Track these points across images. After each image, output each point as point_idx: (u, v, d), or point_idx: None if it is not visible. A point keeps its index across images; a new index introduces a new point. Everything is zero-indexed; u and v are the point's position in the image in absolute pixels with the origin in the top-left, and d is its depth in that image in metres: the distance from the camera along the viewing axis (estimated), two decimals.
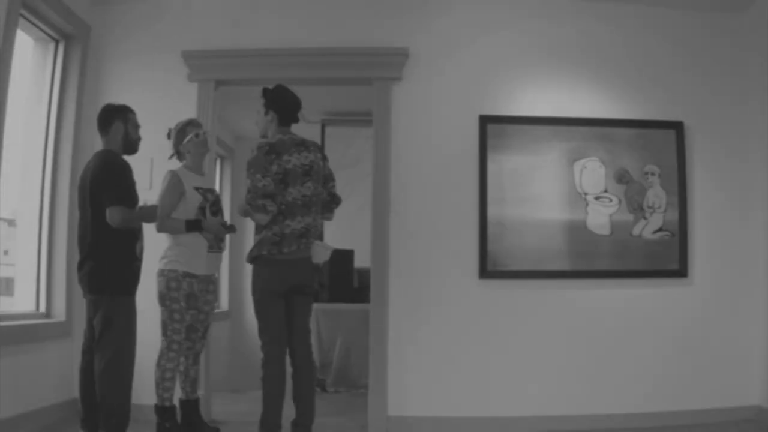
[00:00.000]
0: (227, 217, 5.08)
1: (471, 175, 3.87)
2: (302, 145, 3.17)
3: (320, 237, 3.37)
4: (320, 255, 3.26)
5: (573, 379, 3.79)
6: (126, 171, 3.11)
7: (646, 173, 3.92)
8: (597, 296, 3.88)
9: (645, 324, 3.85)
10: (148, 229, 3.28)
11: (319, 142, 6.31)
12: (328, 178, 3.25)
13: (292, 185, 3.06)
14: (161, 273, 3.35)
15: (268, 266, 3.06)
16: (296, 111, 3.26)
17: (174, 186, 3.34)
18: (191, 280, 3.33)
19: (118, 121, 3.16)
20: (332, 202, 3.28)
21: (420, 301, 3.80)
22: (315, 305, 5.24)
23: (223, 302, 6.41)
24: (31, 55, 3.78)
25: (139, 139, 3.26)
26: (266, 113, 3.21)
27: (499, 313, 3.81)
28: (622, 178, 3.91)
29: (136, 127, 3.25)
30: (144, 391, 3.77)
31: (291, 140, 3.15)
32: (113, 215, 2.98)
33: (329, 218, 3.35)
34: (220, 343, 5.70)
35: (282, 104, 3.22)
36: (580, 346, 3.82)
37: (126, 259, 3.09)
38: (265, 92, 3.25)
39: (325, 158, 3.26)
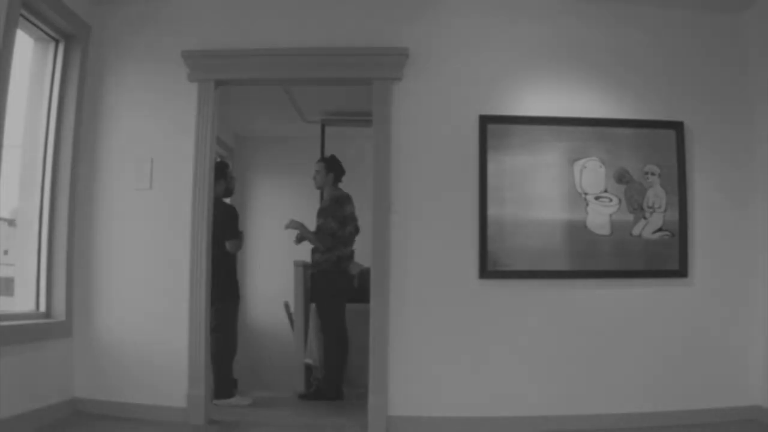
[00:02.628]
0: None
1: (471, 175, 3.87)
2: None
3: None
4: (354, 267, 5.05)
5: (573, 379, 3.79)
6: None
7: (646, 173, 3.92)
8: (597, 296, 3.88)
9: (645, 324, 3.85)
10: None
11: (319, 142, 6.37)
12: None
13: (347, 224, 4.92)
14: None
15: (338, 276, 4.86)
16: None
17: None
18: None
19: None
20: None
21: (420, 301, 3.80)
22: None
23: None
24: (31, 55, 3.77)
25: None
26: (327, 173, 5.02)
27: (499, 313, 3.82)
28: (622, 178, 3.91)
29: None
30: (143, 390, 3.78)
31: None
32: None
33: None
34: None
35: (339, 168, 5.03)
36: (580, 346, 3.82)
37: None
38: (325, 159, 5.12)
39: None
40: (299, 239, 4.97)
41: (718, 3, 4.01)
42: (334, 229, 4.83)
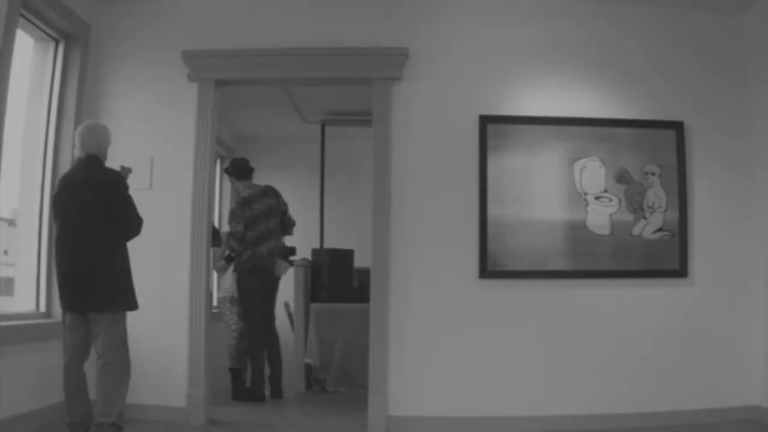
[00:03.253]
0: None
1: (471, 175, 3.87)
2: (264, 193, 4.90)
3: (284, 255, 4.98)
4: (281, 269, 4.90)
5: (573, 379, 3.79)
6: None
7: (646, 173, 3.92)
8: (597, 296, 3.88)
9: (645, 324, 3.85)
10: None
11: (319, 142, 6.37)
12: (283, 211, 4.98)
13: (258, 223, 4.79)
14: None
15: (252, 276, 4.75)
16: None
17: None
18: None
19: None
20: (288, 226, 5.02)
21: (420, 301, 3.80)
22: (315, 305, 5.29)
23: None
24: (31, 55, 3.77)
25: None
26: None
27: (499, 313, 3.81)
28: (622, 178, 3.91)
29: None
30: (143, 390, 3.78)
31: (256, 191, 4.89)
32: None
33: (290, 234, 5.08)
34: (218, 343, 5.69)
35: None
36: (580, 346, 3.82)
37: None
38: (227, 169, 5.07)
39: (279, 197, 4.98)
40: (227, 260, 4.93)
41: (718, 3, 4.01)
42: (240, 233, 4.73)
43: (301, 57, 3.95)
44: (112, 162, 3.94)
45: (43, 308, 3.74)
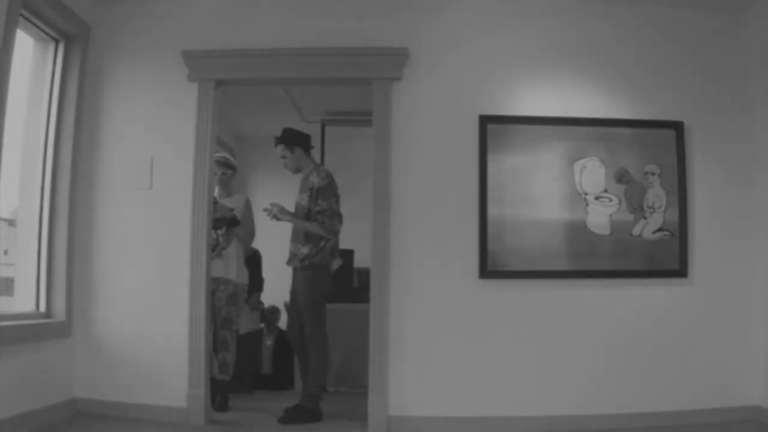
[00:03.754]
0: None
1: (471, 175, 3.87)
2: None
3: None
4: (336, 264, 4.29)
5: (573, 379, 3.79)
6: None
7: (646, 173, 3.92)
8: (597, 296, 3.88)
9: (645, 324, 3.85)
10: None
11: (319, 142, 6.38)
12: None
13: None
14: None
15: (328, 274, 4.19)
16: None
17: None
18: None
19: None
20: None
21: (420, 301, 3.80)
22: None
23: None
24: (31, 55, 3.78)
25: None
26: (292, 151, 4.23)
27: (499, 313, 3.81)
28: (622, 178, 3.91)
29: None
30: (143, 390, 3.78)
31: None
32: None
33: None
34: None
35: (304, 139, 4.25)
36: (580, 346, 3.82)
37: None
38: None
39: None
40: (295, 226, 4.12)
41: (718, 3, 4.01)
42: (337, 210, 4.06)
43: (301, 57, 3.95)
44: (113, 162, 3.97)
45: (43, 308, 3.74)
